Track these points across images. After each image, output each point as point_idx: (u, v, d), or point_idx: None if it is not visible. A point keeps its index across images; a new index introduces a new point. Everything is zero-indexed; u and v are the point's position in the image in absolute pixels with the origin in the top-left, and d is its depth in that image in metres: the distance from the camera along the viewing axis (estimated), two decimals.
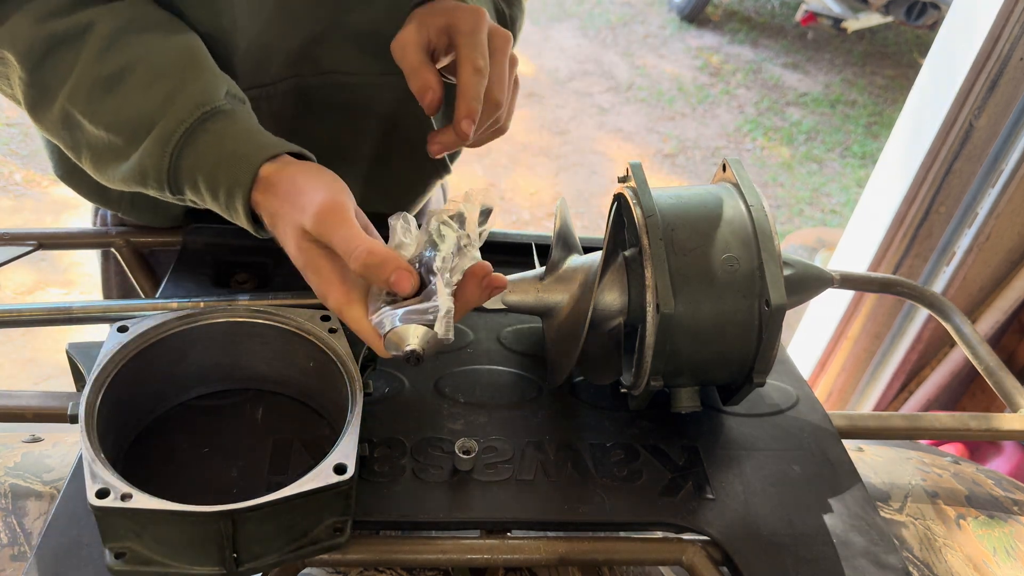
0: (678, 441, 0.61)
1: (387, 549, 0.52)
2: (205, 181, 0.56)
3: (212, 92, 0.57)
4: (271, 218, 0.56)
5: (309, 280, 0.54)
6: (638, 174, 0.59)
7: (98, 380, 0.51)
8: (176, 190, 0.58)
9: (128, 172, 0.58)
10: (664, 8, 4.64)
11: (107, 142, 0.58)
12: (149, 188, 0.58)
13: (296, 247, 0.53)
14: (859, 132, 3.75)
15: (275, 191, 0.55)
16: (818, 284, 0.64)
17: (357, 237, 0.51)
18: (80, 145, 0.60)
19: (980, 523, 0.69)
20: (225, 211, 0.57)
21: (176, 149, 0.56)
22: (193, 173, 0.56)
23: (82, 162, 0.61)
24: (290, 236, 0.54)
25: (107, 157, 0.59)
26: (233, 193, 0.55)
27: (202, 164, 0.56)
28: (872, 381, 1.72)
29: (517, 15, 0.75)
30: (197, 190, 0.57)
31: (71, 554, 0.48)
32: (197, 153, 0.56)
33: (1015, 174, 1.37)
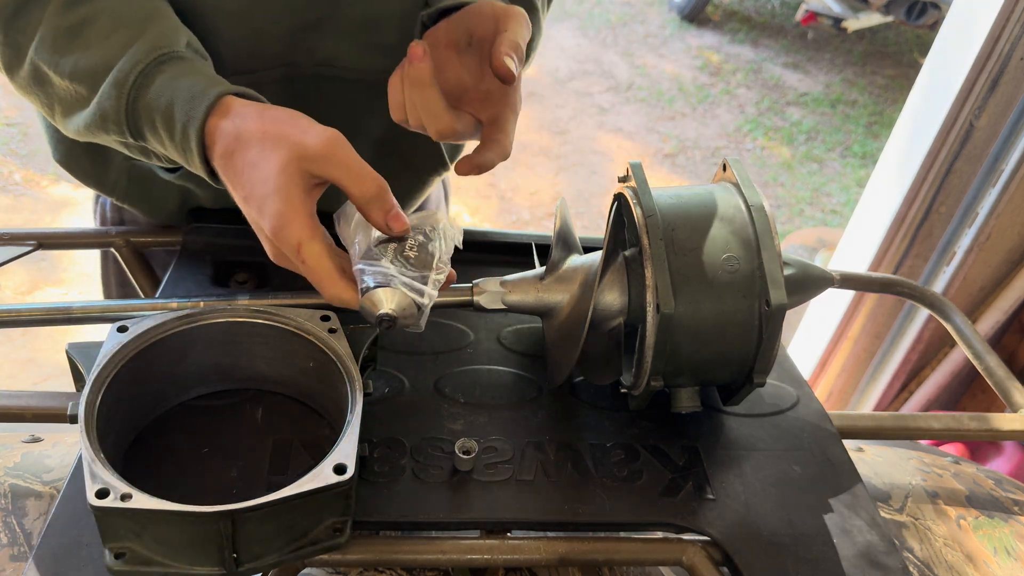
0: (678, 441, 0.61)
1: (387, 549, 0.52)
2: (162, 119, 0.55)
3: (171, 38, 0.57)
4: (239, 142, 0.53)
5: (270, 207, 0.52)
6: (638, 174, 0.59)
7: (98, 380, 0.50)
8: (136, 133, 0.57)
9: (89, 118, 0.57)
10: (664, 8, 4.64)
11: (73, 93, 0.58)
12: (111, 134, 0.58)
13: (280, 169, 0.51)
14: (859, 132, 3.75)
15: (257, 116, 0.54)
16: (818, 284, 0.64)
17: (364, 164, 0.53)
18: (52, 100, 0.60)
19: (980, 523, 0.69)
20: (181, 151, 0.56)
21: (132, 90, 0.55)
22: (150, 112, 0.56)
23: (56, 119, 0.61)
24: (277, 157, 0.52)
25: (74, 108, 0.59)
26: (188, 128, 0.54)
27: (157, 103, 0.55)
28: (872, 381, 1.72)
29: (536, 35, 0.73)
30: (155, 131, 0.56)
31: (71, 554, 0.48)
32: (152, 93, 0.55)
33: (1015, 174, 1.37)
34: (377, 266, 0.53)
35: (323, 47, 0.70)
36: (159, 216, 0.80)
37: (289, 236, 0.52)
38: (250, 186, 0.53)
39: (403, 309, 0.52)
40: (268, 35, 0.67)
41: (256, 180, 0.52)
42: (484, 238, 0.80)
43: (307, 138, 0.52)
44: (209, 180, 0.57)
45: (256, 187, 0.52)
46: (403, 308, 0.53)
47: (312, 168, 0.52)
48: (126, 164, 0.76)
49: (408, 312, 0.53)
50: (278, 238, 0.52)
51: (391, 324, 0.52)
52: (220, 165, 0.55)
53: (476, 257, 0.79)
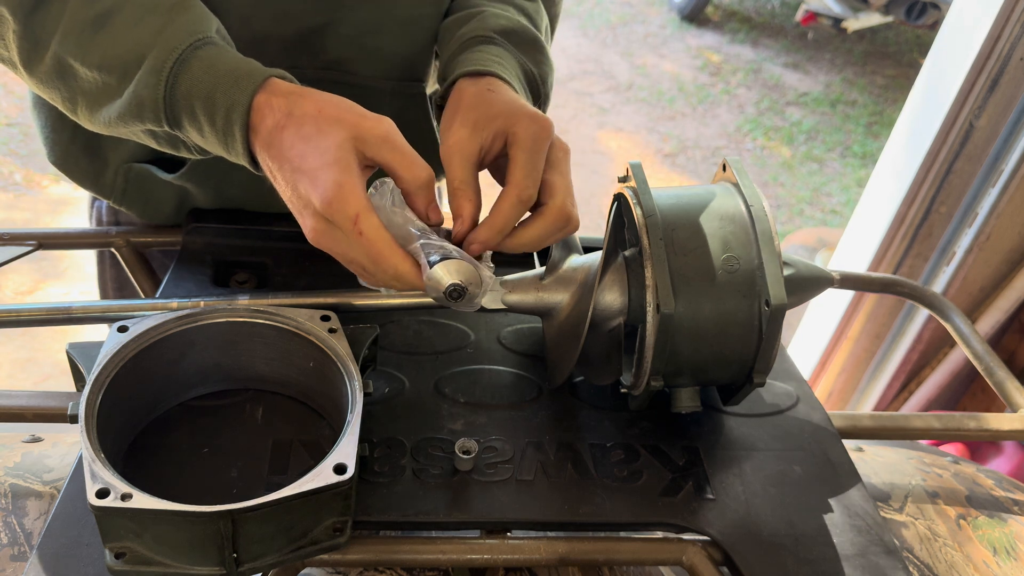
0: (678, 441, 0.61)
1: (387, 549, 0.52)
2: (202, 105, 0.55)
3: (204, 24, 0.57)
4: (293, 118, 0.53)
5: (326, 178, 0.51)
6: (638, 174, 0.59)
7: (98, 380, 0.50)
8: (174, 121, 0.57)
9: (124, 107, 0.57)
10: (664, 8, 4.64)
11: (100, 83, 0.57)
12: (146, 122, 0.57)
13: (339, 144, 0.52)
14: (859, 132, 3.75)
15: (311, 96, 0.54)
16: (818, 284, 0.64)
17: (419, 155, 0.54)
18: (75, 94, 0.59)
19: (980, 523, 0.69)
20: (222, 136, 0.55)
21: (171, 76, 0.55)
22: (190, 99, 0.55)
23: (78, 113, 0.60)
24: (335, 134, 0.52)
25: (102, 100, 0.58)
26: (231, 112, 0.54)
27: (198, 89, 0.55)
28: (872, 381, 1.72)
29: (547, 73, 0.71)
30: (195, 117, 0.56)
31: (71, 554, 0.48)
32: (192, 78, 0.55)
33: (1015, 174, 1.37)
34: (435, 240, 0.54)
35: (327, 52, 0.70)
36: (155, 218, 0.80)
37: (347, 207, 0.51)
38: (301, 159, 0.52)
39: (469, 278, 0.53)
40: (272, 39, 0.67)
41: (309, 153, 0.52)
42: None
43: (365, 121, 0.53)
44: (249, 166, 0.57)
45: (309, 159, 0.52)
46: (469, 277, 0.53)
47: (368, 150, 0.53)
48: (124, 165, 0.75)
49: (474, 282, 0.53)
50: (333, 209, 0.51)
51: (461, 294, 0.53)
52: (265, 142, 0.54)
53: None
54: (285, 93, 0.54)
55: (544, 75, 0.71)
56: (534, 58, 0.70)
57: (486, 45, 0.67)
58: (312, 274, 0.74)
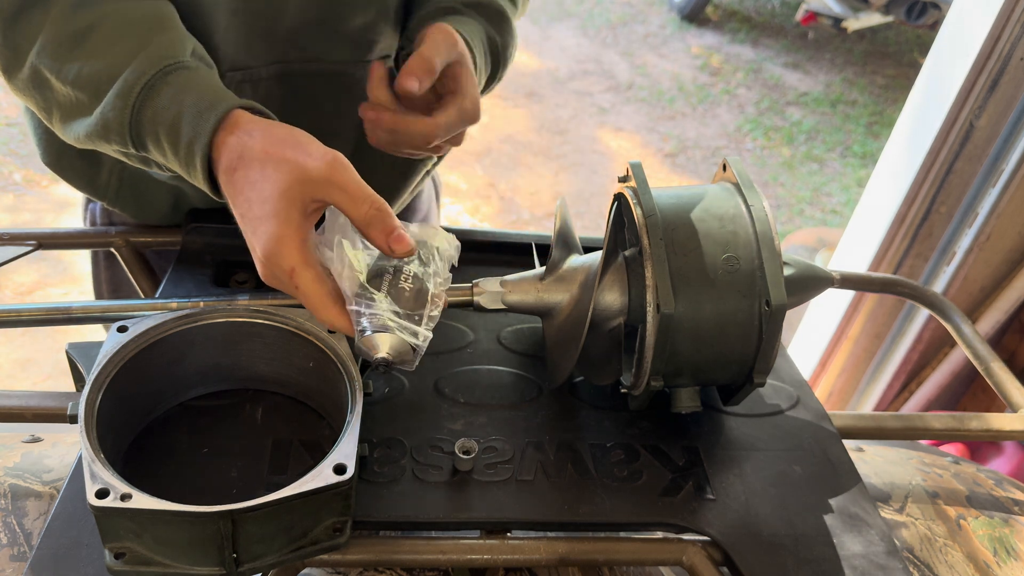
0: (678, 441, 0.61)
1: (387, 549, 0.52)
2: (166, 133, 0.55)
3: (176, 48, 0.57)
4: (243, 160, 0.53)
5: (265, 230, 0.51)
6: (638, 174, 0.59)
7: (98, 380, 0.50)
8: (139, 144, 0.57)
9: (91, 127, 0.57)
10: (664, 8, 4.64)
11: (74, 99, 0.57)
12: (112, 143, 0.57)
13: (280, 192, 0.51)
14: (860, 132, 3.75)
15: (261, 134, 0.53)
16: (818, 284, 0.64)
17: (365, 186, 0.52)
18: (51, 105, 0.59)
19: (980, 523, 0.69)
20: (184, 166, 0.56)
21: (137, 101, 0.55)
22: (154, 125, 0.55)
23: (53, 123, 0.61)
24: (278, 179, 0.52)
25: (74, 114, 0.58)
26: (193, 144, 0.54)
27: (163, 116, 0.55)
28: (872, 381, 1.72)
29: (508, 42, 0.75)
30: (159, 144, 0.56)
31: (71, 554, 0.48)
32: (158, 105, 0.55)
33: (1015, 174, 1.37)
34: (372, 308, 0.53)
35: (318, 45, 0.70)
36: (149, 219, 0.80)
37: (282, 261, 0.52)
38: (247, 205, 0.53)
39: (400, 353, 0.53)
40: (264, 33, 0.67)
41: (254, 200, 0.52)
42: (484, 238, 0.80)
43: (309, 161, 0.52)
44: (211, 194, 0.57)
45: (254, 207, 0.52)
46: (399, 352, 0.53)
47: (313, 192, 0.52)
48: (118, 166, 0.75)
49: (404, 355, 0.53)
50: (271, 262, 0.52)
51: (387, 367, 0.53)
52: (223, 180, 0.55)
53: (476, 257, 0.79)
54: (240, 131, 0.54)
55: (506, 43, 0.74)
56: (498, 27, 0.73)
57: (453, 16, 0.69)
58: None
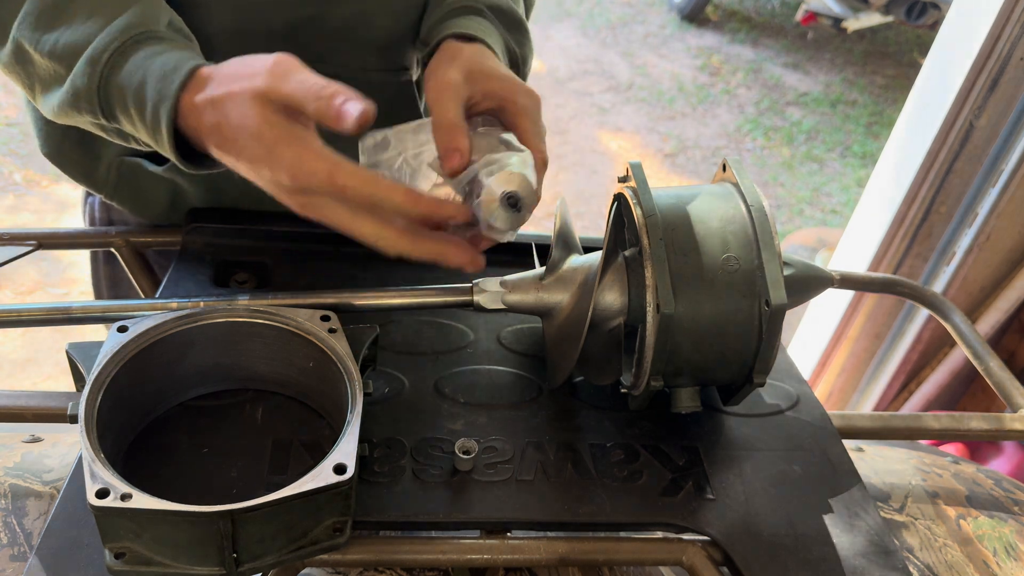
0: (678, 441, 0.61)
1: (387, 549, 0.52)
2: (132, 99, 0.55)
3: (150, 18, 0.57)
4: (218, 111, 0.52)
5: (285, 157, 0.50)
6: (638, 174, 0.59)
7: (98, 380, 0.50)
8: (108, 113, 0.57)
9: (64, 96, 0.57)
10: (664, 8, 4.64)
11: (52, 71, 0.57)
12: (84, 113, 0.57)
13: (263, 119, 0.50)
14: (859, 132, 3.75)
15: (218, 76, 0.53)
16: (818, 284, 0.64)
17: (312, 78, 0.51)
18: (32, 80, 0.59)
19: (980, 523, 0.69)
20: (151, 132, 0.55)
21: (105, 68, 0.55)
22: (122, 91, 0.55)
23: (36, 99, 0.61)
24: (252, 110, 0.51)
25: (52, 87, 0.58)
26: (159, 108, 0.53)
27: (129, 81, 0.54)
28: (872, 381, 1.72)
29: (528, 55, 0.73)
30: (127, 111, 0.56)
31: (71, 554, 0.48)
32: (125, 71, 0.55)
33: (1015, 174, 1.37)
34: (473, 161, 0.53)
35: (317, 44, 0.70)
36: (148, 215, 0.80)
37: (317, 171, 0.50)
38: (250, 149, 0.52)
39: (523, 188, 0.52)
40: (260, 32, 0.67)
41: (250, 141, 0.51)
42: None
43: (256, 81, 0.51)
44: (180, 164, 0.56)
45: (255, 148, 0.51)
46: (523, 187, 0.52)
47: (280, 106, 0.51)
48: (116, 159, 0.75)
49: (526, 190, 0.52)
50: (304, 180, 0.50)
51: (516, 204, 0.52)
52: (214, 142, 0.54)
53: None
54: (204, 85, 0.53)
55: (525, 56, 0.72)
56: (517, 39, 0.71)
57: (475, 16, 0.68)
58: (312, 274, 0.74)
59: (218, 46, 0.66)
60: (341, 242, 0.78)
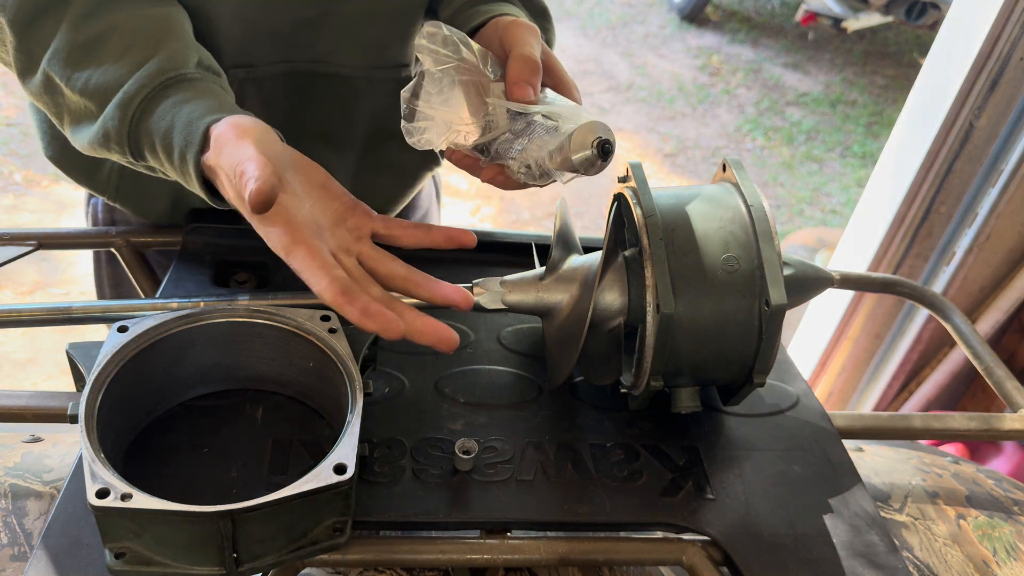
0: (678, 441, 0.61)
1: (387, 549, 0.52)
2: (161, 144, 0.56)
3: (180, 60, 0.57)
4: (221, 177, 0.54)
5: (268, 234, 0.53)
6: (638, 174, 0.59)
7: (98, 380, 0.50)
8: (137, 154, 0.58)
9: (94, 135, 0.58)
10: (664, 8, 4.64)
11: (83, 108, 0.58)
12: (113, 152, 0.59)
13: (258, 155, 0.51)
14: (859, 132, 3.75)
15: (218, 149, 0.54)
16: (818, 284, 0.64)
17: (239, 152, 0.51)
18: (61, 110, 0.60)
19: (980, 523, 0.69)
20: (180, 175, 0.57)
21: (136, 113, 0.56)
22: (151, 136, 0.56)
23: (64, 128, 0.62)
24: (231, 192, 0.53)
25: (82, 122, 0.59)
26: (185, 155, 0.55)
27: (158, 128, 0.56)
28: (872, 381, 1.72)
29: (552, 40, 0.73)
30: (155, 154, 0.57)
31: (71, 554, 0.48)
32: (154, 117, 0.56)
33: (1015, 174, 1.37)
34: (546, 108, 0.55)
35: (322, 43, 0.70)
36: (150, 216, 0.80)
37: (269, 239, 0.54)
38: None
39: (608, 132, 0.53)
40: (267, 30, 0.68)
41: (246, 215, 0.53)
42: (484, 238, 0.80)
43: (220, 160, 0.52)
44: (211, 203, 0.58)
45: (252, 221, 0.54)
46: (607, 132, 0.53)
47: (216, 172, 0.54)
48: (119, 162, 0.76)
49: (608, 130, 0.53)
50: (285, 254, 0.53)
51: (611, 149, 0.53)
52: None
53: (476, 257, 0.79)
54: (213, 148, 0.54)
55: (550, 42, 0.73)
56: (543, 25, 0.72)
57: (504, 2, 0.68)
58: None
59: (224, 46, 0.66)
60: None
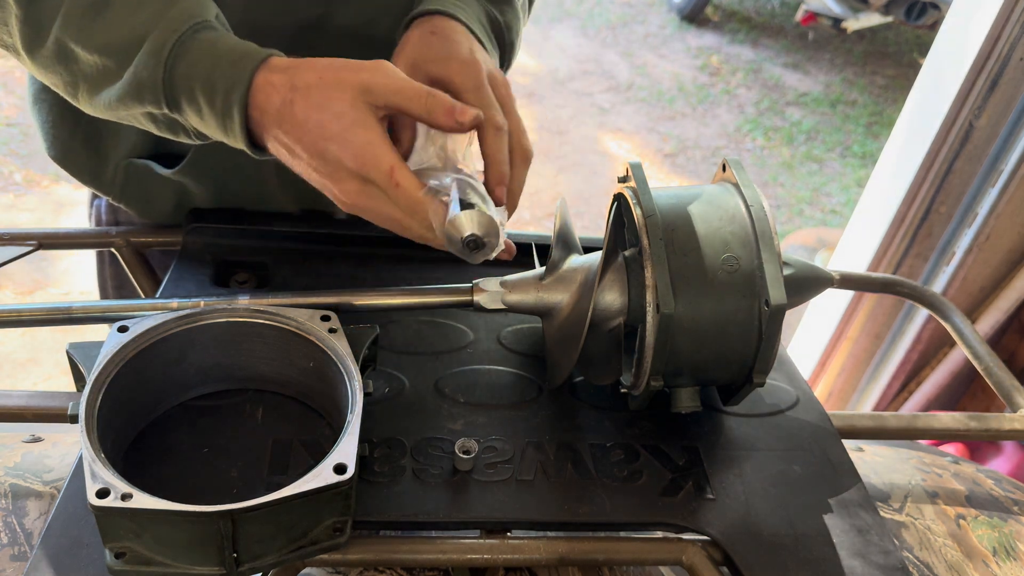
0: (678, 441, 0.61)
1: (387, 549, 0.52)
2: (202, 86, 0.55)
3: (203, 9, 0.57)
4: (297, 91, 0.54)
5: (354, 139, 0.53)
6: (638, 174, 0.59)
7: (98, 380, 0.50)
8: (173, 103, 0.57)
9: (124, 89, 0.57)
10: (664, 8, 4.63)
11: (101, 67, 0.57)
12: (146, 103, 0.57)
13: (352, 104, 0.53)
14: (859, 132, 3.75)
15: (308, 66, 0.55)
16: (818, 284, 0.64)
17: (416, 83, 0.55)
18: (76, 78, 0.59)
19: (980, 523, 0.69)
20: (221, 118, 0.56)
21: (171, 58, 0.55)
22: (189, 81, 0.55)
23: (79, 98, 0.60)
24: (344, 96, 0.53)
25: (102, 83, 0.58)
26: (231, 92, 0.54)
27: (198, 70, 0.55)
28: (872, 381, 1.72)
29: (512, 21, 0.73)
30: (194, 100, 0.56)
31: (71, 554, 0.48)
32: (192, 60, 0.55)
33: (1015, 174, 1.37)
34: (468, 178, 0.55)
35: (323, 44, 0.70)
36: (154, 216, 0.80)
37: (380, 162, 0.53)
38: (321, 128, 0.54)
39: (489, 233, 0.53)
40: (269, 32, 0.68)
41: (328, 120, 0.53)
42: None
43: (363, 74, 0.54)
44: (247, 148, 0.57)
45: (330, 126, 0.53)
46: (490, 232, 0.53)
47: (375, 100, 0.54)
48: (123, 161, 0.75)
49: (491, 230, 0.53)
50: (368, 167, 0.53)
51: (479, 247, 0.54)
52: (276, 119, 0.55)
53: None
54: (283, 68, 0.55)
55: (509, 23, 0.72)
56: (499, 6, 0.72)
57: None
58: (312, 274, 0.74)
59: None
60: (341, 242, 0.78)
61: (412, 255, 0.78)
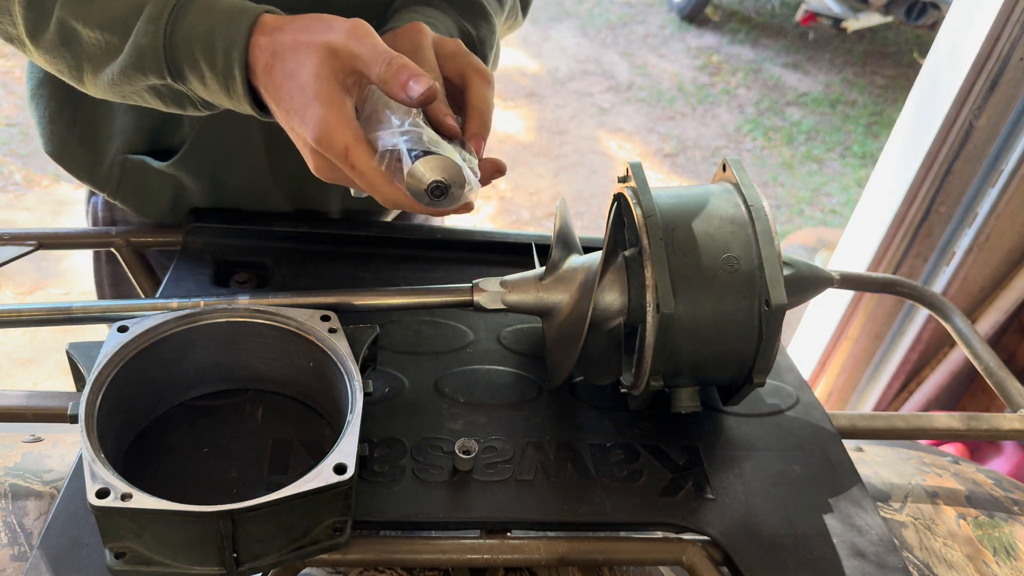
0: (678, 441, 0.61)
1: (387, 549, 0.52)
2: (201, 48, 0.55)
3: None
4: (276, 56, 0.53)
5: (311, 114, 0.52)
6: (638, 174, 0.59)
7: (98, 380, 0.50)
8: (175, 71, 0.56)
9: (126, 61, 0.57)
10: (664, 8, 4.63)
11: (104, 43, 0.57)
12: (148, 74, 0.57)
13: (315, 74, 0.52)
14: (859, 132, 3.75)
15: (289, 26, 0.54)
16: (818, 284, 0.64)
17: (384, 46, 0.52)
18: (80, 60, 0.59)
19: (980, 523, 0.69)
20: (223, 79, 0.55)
21: (169, 23, 0.55)
22: (189, 44, 0.55)
23: (84, 80, 0.60)
24: (309, 63, 0.52)
25: (106, 60, 0.58)
26: (231, 51, 0.54)
27: (197, 31, 0.55)
28: (872, 381, 1.72)
29: (486, 36, 0.71)
30: (195, 64, 0.56)
31: (71, 554, 0.48)
32: (190, 23, 0.55)
33: (1015, 174, 1.37)
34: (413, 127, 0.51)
35: None
36: (151, 214, 0.80)
37: (334, 141, 0.52)
38: (289, 98, 0.53)
39: (452, 178, 0.49)
40: None
41: (294, 90, 0.53)
42: (484, 238, 0.80)
43: (330, 35, 0.52)
44: (252, 110, 0.57)
45: (295, 97, 0.52)
46: (451, 174, 0.49)
47: (341, 65, 0.52)
48: (119, 157, 0.75)
49: (456, 177, 0.49)
50: (323, 145, 0.52)
51: (443, 193, 0.50)
52: (263, 83, 0.55)
53: (476, 257, 0.79)
54: (270, 30, 0.54)
55: (483, 37, 0.71)
56: (473, 21, 0.71)
57: (423, 6, 0.68)
58: (312, 274, 0.74)
59: None
60: (341, 242, 0.78)
61: (412, 255, 0.78)
